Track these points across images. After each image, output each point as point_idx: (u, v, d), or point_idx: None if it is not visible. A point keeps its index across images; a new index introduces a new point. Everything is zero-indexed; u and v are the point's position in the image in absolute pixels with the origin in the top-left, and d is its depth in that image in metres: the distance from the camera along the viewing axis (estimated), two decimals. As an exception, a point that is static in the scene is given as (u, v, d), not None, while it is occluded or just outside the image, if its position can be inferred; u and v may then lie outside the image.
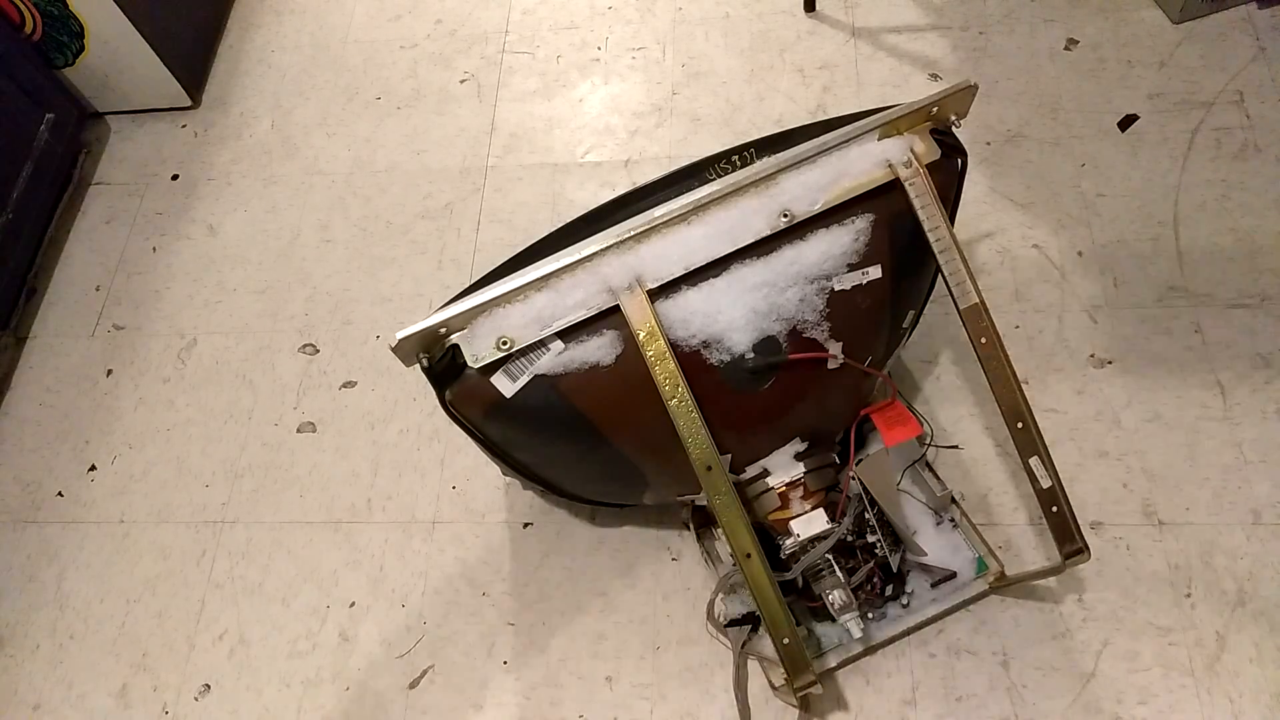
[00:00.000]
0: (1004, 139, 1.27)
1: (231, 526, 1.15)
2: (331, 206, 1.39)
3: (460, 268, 1.30)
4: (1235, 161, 1.20)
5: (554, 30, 1.51)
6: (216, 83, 1.55)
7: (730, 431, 0.82)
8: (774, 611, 0.80)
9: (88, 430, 1.25)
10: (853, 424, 0.92)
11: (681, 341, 0.78)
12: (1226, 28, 1.31)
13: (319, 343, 1.27)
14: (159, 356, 1.30)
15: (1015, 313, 1.14)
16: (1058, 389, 1.09)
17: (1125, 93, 1.28)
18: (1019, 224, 1.20)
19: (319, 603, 1.09)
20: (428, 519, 1.12)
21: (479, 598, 1.06)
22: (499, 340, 0.76)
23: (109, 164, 1.50)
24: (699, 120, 1.38)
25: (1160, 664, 0.93)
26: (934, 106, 0.79)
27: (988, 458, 1.06)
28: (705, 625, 1.01)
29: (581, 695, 0.99)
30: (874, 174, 0.78)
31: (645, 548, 1.06)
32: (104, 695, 1.07)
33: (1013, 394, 0.81)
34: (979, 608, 0.98)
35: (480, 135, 1.42)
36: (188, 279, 1.36)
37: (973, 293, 0.80)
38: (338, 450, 1.18)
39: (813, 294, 0.79)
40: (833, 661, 0.95)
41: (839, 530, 0.87)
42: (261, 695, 1.04)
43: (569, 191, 1.34)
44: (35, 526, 1.19)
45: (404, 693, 1.02)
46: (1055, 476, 0.82)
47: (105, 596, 1.13)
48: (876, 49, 1.39)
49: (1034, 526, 1.02)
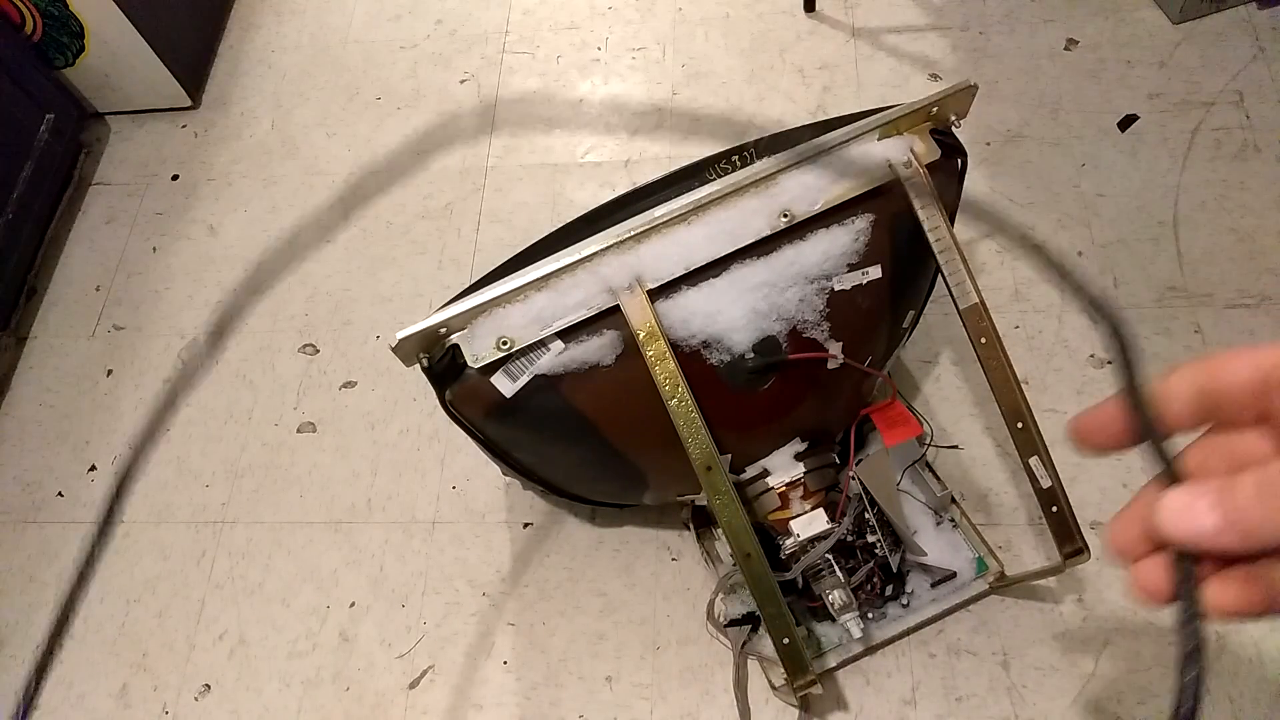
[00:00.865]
0: (1004, 139, 1.27)
1: (231, 527, 1.15)
2: (331, 206, 1.39)
3: (460, 268, 1.30)
4: (1235, 161, 1.20)
5: (554, 30, 1.51)
6: (216, 83, 1.55)
7: (730, 431, 0.82)
8: (774, 611, 0.80)
9: (88, 430, 1.25)
10: (853, 424, 0.92)
11: (681, 341, 0.78)
12: (1226, 28, 1.31)
13: (319, 343, 1.27)
14: (159, 356, 1.30)
15: (1015, 313, 1.14)
16: (1058, 389, 1.09)
17: (1125, 93, 1.28)
18: (1019, 224, 1.20)
19: (319, 603, 1.09)
20: (428, 519, 1.12)
21: (479, 598, 1.06)
22: (499, 340, 0.75)
23: (109, 164, 1.50)
24: (699, 120, 1.38)
25: (1160, 664, 0.93)
26: (934, 106, 0.79)
27: (988, 458, 1.06)
28: (705, 625, 1.01)
29: (581, 695, 0.99)
30: (874, 174, 0.78)
31: (645, 548, 1.06)
32: (104, 695, 1.07)
33: (1013, 394, 0.81)
34: (979, 608, 0.98)
35: (480, 135, 1.42)
36: (188, 279, 1.36)
37: (973, 293, 0.80)
38: (338, 450, 1.18)
39: (813, 294, 0.79)
40: (833, 661, 0.95)
41: (839, 530, 0.87)
42: (261, 695, 1.04)
43: (569, 191, 1.34)
44: (35, 526, 1.19)
45: (404, 693, 1.02)
46: (1055, 476, 0.82)
47: (105, 596, 1.13)
48: (876, 49, 1.39)
49: (1034, 526, 1.02)
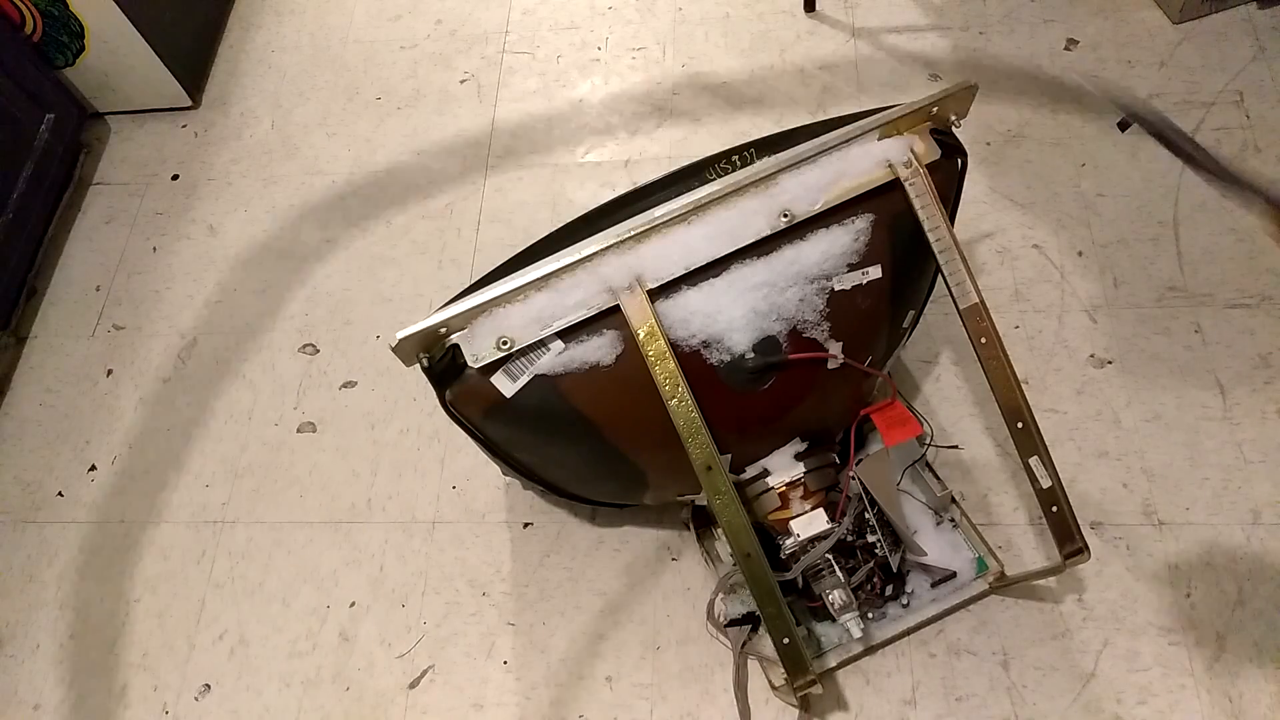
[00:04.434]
0: (1004, 139, 1.27)
1: (231, 526, 1.15)
2: (331, 206, 1.39)
3: (460, 268, 1.30)
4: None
5: (554, 30, 1.51)
6: (216, 83, 1.55)
7: (730, 431, 0.82)
8: (774, 611, 0.80)
9: (88, 430, 1.25)
10: (853, 424, 0.92)
11: (681, 341, 0.78)
12: (1226, 28, 1.31)
13: (319, 343, 1.27)
14: (159, 356, 1.30)
15: (1015, 313, 1.14)
16: (1058, 389, 1.09)
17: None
18: (1019, 224, 1.20)
19: (319, 603, 1.09)
20: (428, 519, 1.12)
21: (479, 598, 1.06)
22: (499, 340, 0.75)
23: (109, 164, 1.50)
24: (699, 120, 1.38)
25: (1160, 664, 0.93)
26: (934, 106, 0.79)
27: (988, 458, 1.06)
28: (705, 625, 1.01)
29: (581, 695, 0.99)
30: (874, 174, 0.78)
31: (645, 548, 1.06)
32: (104, 695, 1.07)
33: (1013, 394, 0.81)
34: (979, 608, 0.98)
35: (480, 135, 1.42)
36: (188, 279, 1.36)
37: (973, 293, 0.80)
38: (338, 450, 1.18)
39: (813, 294, 0.79)
40: (833, 661, 0.95)
41: (839, 530, 0.87)
42: (261, 695, 1.04)
43: (569, 191, 1.34)
44: (35, 526, 1.19)
45: (404, 693, 1.02)
46: (1055, 476, 0.82)
47: (105, 596, 1.13)
48: (876, 49, 1.39)
49: (1034, 526, 1.02)
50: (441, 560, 1.09)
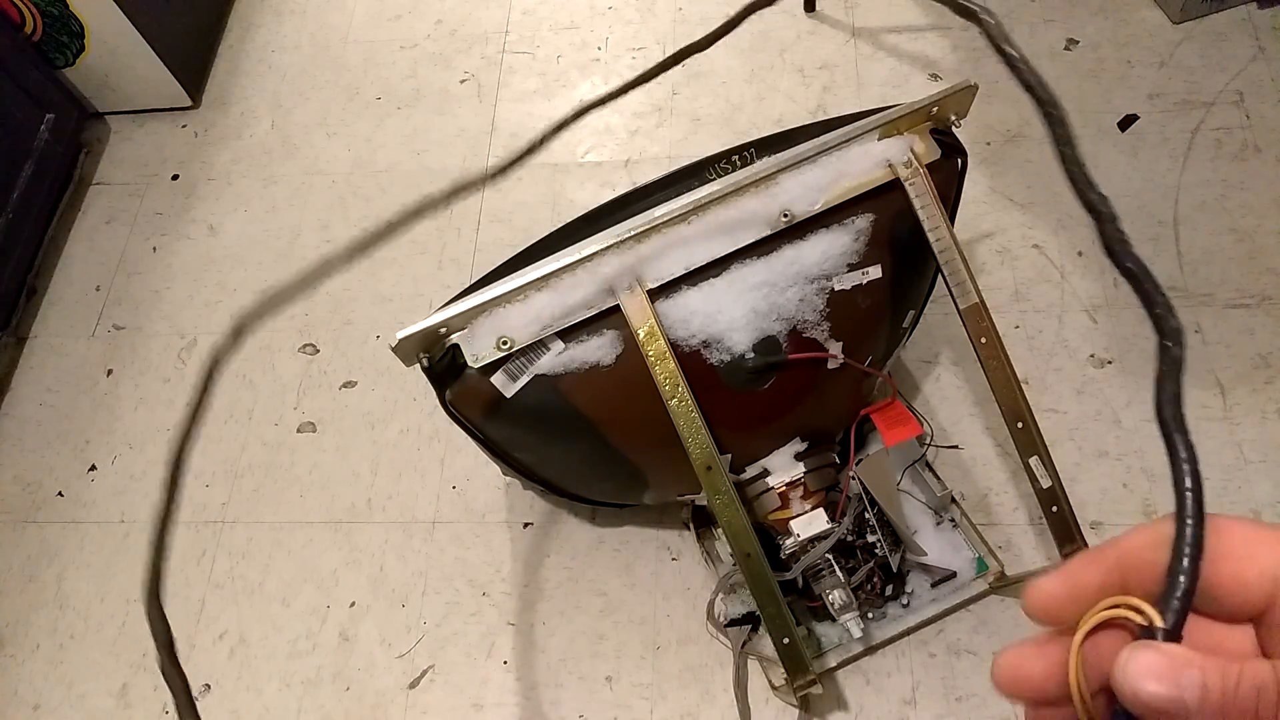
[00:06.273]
0: (1004, 139, 1.27)
1: (231, 526, 1.15)
2: (331, 206, 1.39)
3: (460, 268, 1.30)
4: (1235, 161, 1.20)
5: (554, 30, 1.51)
6: (216, 83, 1.55)
7: (730, 431, 0.82)
8: (774, 611, 0.80)
9: (88, 430, 1.25)
10: (853, 424, 0.92)
11: (681, 341, 0.78)
12: (1226, 28, 1.31)
13: (319, 343, 1.27)
14: (159, 356, 1.30)
15: (1015, 313, 1.14)
16: (1058, 389, 1.09)
17: (1125, 93, 1.28)
18: (1019, 224, 1.20)
19: (319, 603, 1.09)
20: (428, 519, 1.12)
21: (479, 598, 1.06)
22: (499, 340, 0.75)
23: (109, 164, 1.50)
24: (699, 120, 1.38)
25: (1160, 664, 0.93)
26: (934, 106, 0.79)
27: (988, 458, 1.06)
28: (705, 625, 1.01)
29: (581, 695, 0.99)
30: (874, 174, 0.78)
31: (645, 548, 1.06)
32: (104, 695, 1.07)
33: (1013, 394, 0.81)
34: (979, 608, 0.98)
35: (480, 135, 1.42)
36: (188, 279, 1.36)
37: (973, 293, 0.80)
38: (338, 450, 1.18)
39: (813, 294, 0.79)
40: (833, 661, 0.95)
41: (839, 530, 0.87)
42: (261, 695, 1.04)
43: (569, 191, 1.34)
44: (35, 526, 1.19)
45: (404, 693, 1.02)
46: (1055, 476, 0.82)
47: (105, 596, 1.13)
48: (876, 49, 1.39)
49: (1034, 526, 1.02)
50: (441, 560, 1.09)
